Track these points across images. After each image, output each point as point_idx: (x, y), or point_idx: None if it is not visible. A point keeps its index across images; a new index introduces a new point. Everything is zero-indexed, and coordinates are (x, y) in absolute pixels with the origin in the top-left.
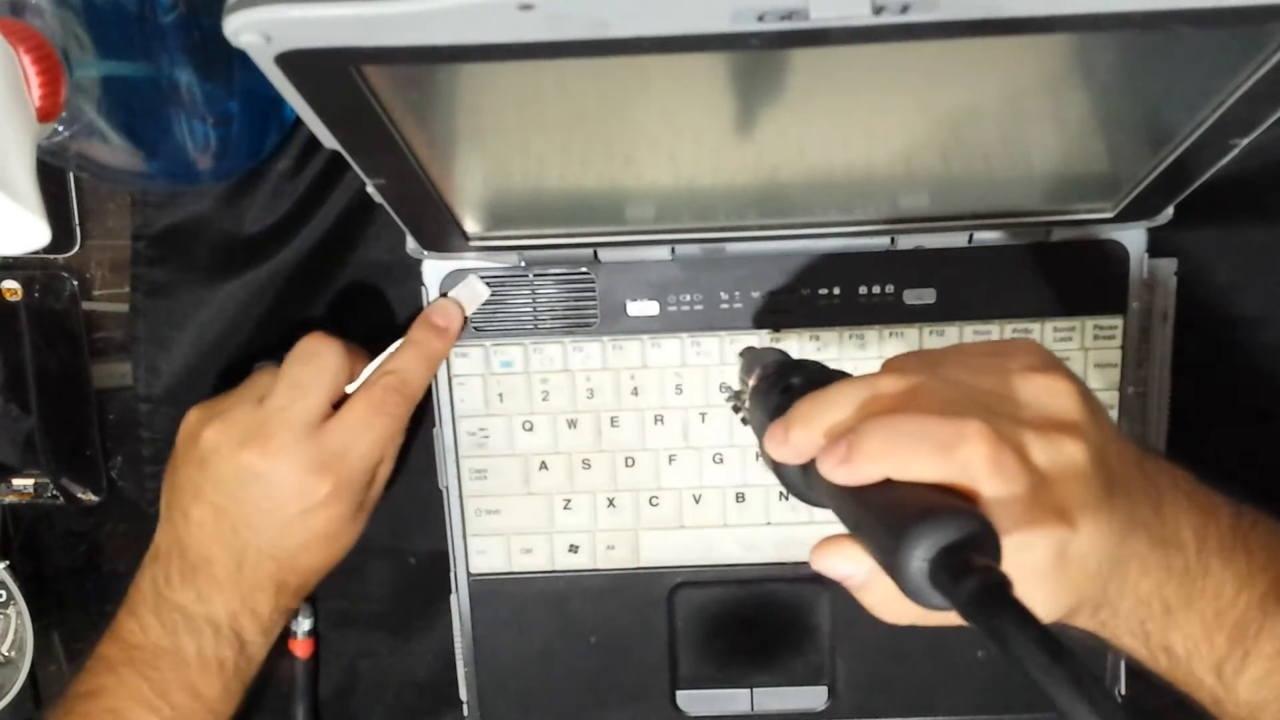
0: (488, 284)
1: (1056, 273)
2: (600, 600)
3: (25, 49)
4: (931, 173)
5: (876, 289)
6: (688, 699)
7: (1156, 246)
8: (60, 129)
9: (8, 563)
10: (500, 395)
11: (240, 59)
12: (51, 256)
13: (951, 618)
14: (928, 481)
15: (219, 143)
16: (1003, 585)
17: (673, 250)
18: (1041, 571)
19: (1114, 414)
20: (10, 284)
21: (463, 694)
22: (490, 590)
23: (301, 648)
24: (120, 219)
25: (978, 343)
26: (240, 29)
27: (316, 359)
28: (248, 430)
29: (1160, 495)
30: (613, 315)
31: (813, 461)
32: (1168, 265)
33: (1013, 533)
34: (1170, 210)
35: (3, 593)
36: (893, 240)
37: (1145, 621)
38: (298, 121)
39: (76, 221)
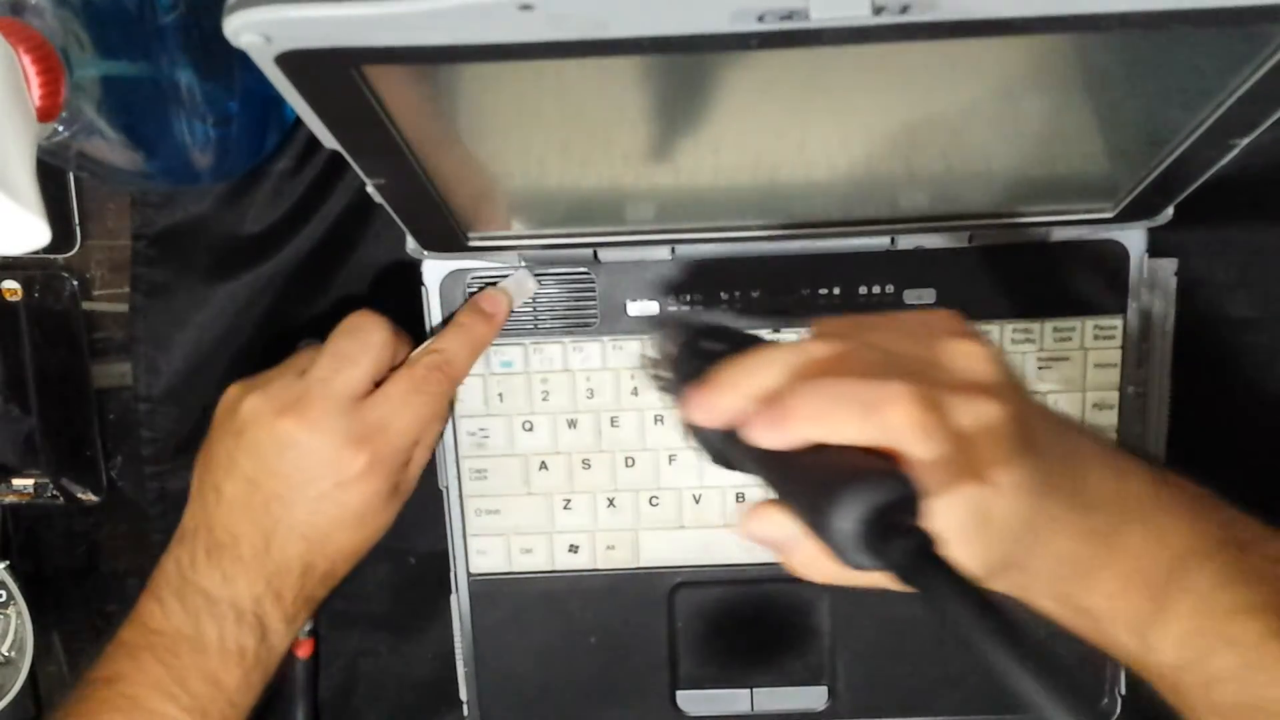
0: (537, 279)
1: (1056, 273)
2: (600, 600)
3: (25, 49)
4: (931, 173)
5: (876, 289)
6: (688, 699)
7: (1156, 246)
8: (60, 129)
9: (8, 563)
10: (500, 395)
11: (240, 59)
12: (51, 256)
13: (875, 579)
14: (854, 444)
15: (219, 143)
16: (930, 545)
17: (673, 250)
18: (962, 531)
19: (1114, 414)
20: (10, 284)
21: (463, 694)
22: (490, 590)
23: (301, 648)
24: (120, 219)
25: (903, 312)
26: (240, 29)
27: (362, 333)
28: (287, 399)
29: (1078, 459)
30: (613, 315)
31: (733, 426)
32: (1168, 265)
33: (936, 493)
34: (1170, 210)
35: (3, 593)
36: (893, 240)
37: (1061, 583)
38: (298, 121)
39: (76, 221)
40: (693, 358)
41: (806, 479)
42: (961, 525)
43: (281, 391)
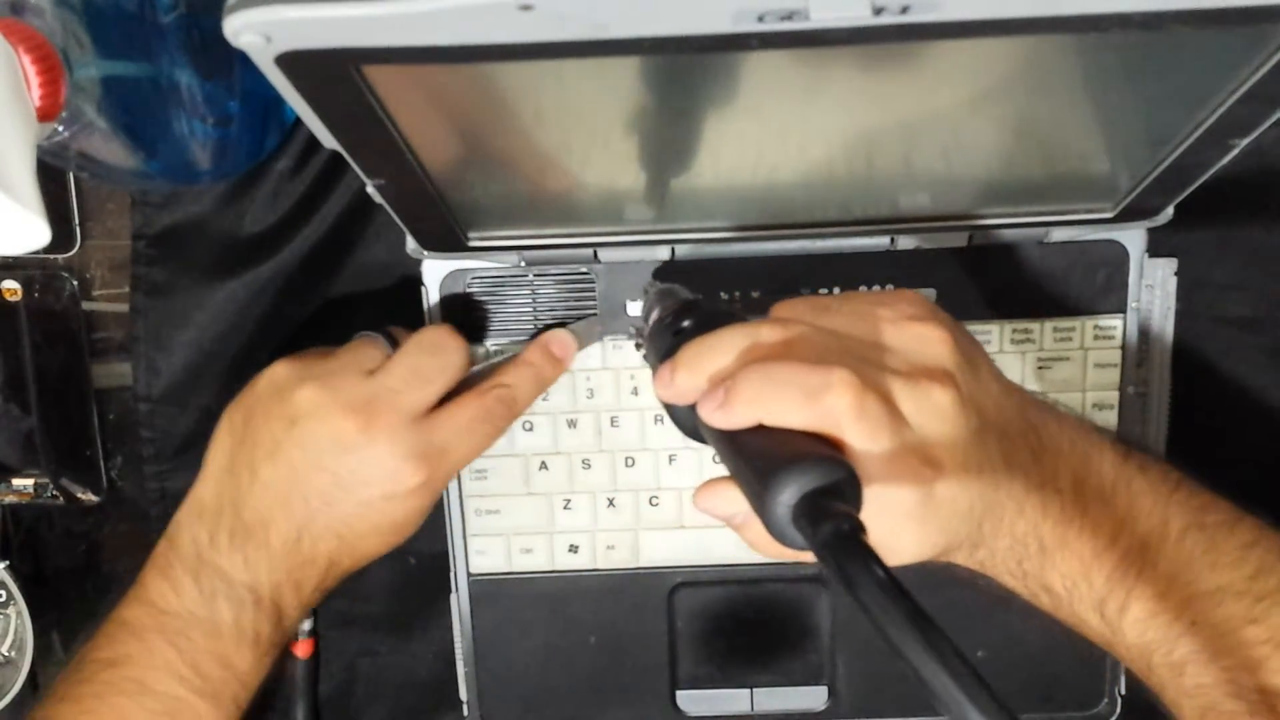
0: (603, 327)
1: (1056, 273)
2: (600, 600)
3: (25, 49)
4: (931, 173)
5: (876, 289)
6: (688, 699)
7: (1156, 246)
8: (60, 129)
9: (8, 563)
10: None
11: (240, 59)
12: (51, 256)
13: (811, 555)
14: (798, 428)
15: (219, 143)
16: (854, 531)
17: (673, 250)
18: (908, 514)
19: (1114, 414)
20: (10, 284)
21: (463, 694)
22: (490, 590)
23: (301, 648)
24: (120, 219)
25: (864, 293)
26: (240, 29)
27: (444, 354)
28: (354, 400)
29: (1040, 440)
30: (613, 315)
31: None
32: (1168, 265)
33: (878, 478)
34: (1170, 210)
35: (3, 593)
36: (893, 240)
37: (1022, 561)
38: (298, 121)
39: (76, 221)
40: (668, 333)
41: (750, 460)
42: (907, 509)
43: (348, 390)
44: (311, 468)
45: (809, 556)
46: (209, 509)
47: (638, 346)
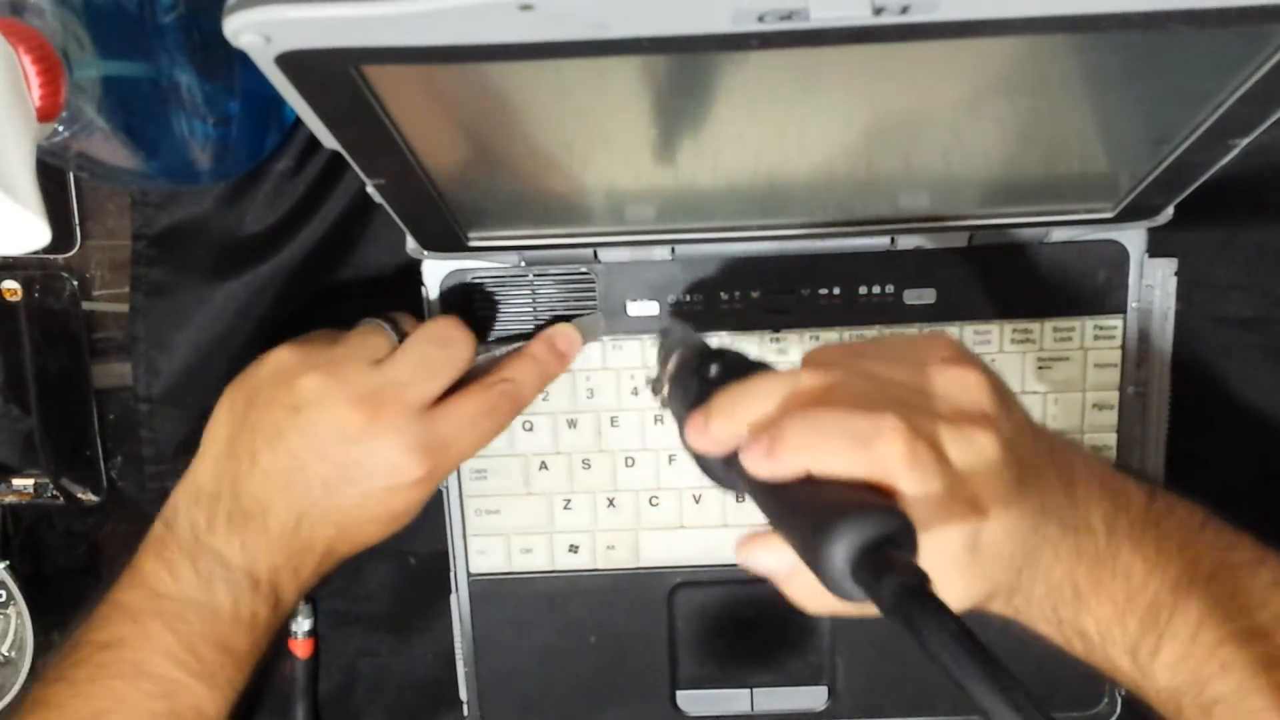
0: (607, 322)
1: (1056, 273)
2: (600, 600)
3: (25, 49)
4: (931, 173)
5: (876, 289)
6: (688, 699)
7: (1156, 246)
8: (60, 129)
9: (8, 563)
10: None
11: (240, 59)
12: (51, 256)
13: (872, 609)
14: (847, 477)
15: (219, 143)
16: (923, 584)
17: (673, 250)
18: (955, 561)
19: (1114, 414)
20: (10, 284)
21: (463, 694)
22: (490, 590)
23: (301, 648)
24: (120, 219)
25: (896, 336)
26: (240, 29)
27: (453, 347)
28: (361, 391)
29: (1073, 482)
30: (613, 315)
31: (735, 452)
32: (1168, 265)
33: (928, 526)
34: (1170, 210)
35: (3, 593)
36: (893, 240)
37: (1058, 607)
38: (298, 121)
39: (76, 221)
40: (695, 380)
41: (800, 510)
42: (954, 556)
43: (354, 381)
44: (314, 456)
45: (865, 609)
46: (206, 492)
47: (654, 393)
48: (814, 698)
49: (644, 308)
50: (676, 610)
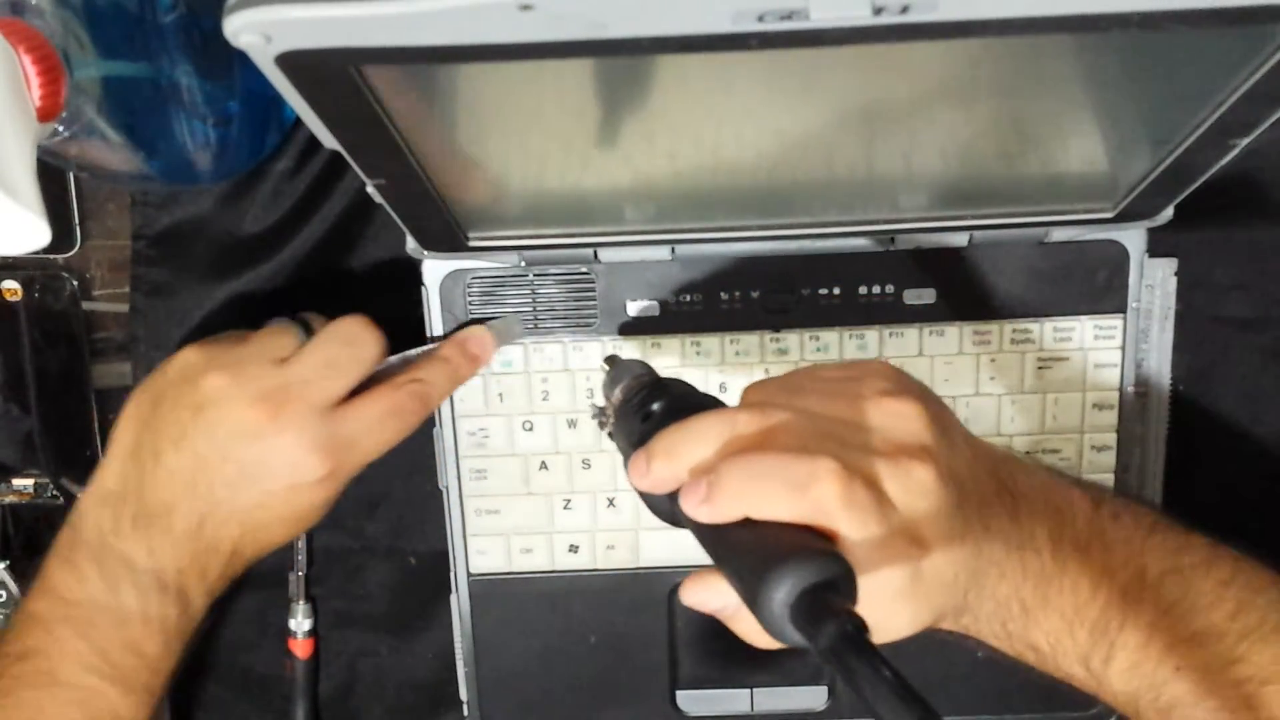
0: (523, 326)
1: (1056, 273)
2: (600, 600)
3: (25, 49)
4: (931, 172)
5: (876, 289)
6: (688, 699)
7: (1156, 246)
8: (60, 129)
9: (8, 563)
10: (500, 395)
11: (240, 59)
12: (51, 256)
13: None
14: (786, 520)
15: (219, 143)
16: (859, 632)
17: (673, 250)
18: (899, 594)
19: (1113, 414)
20: (10, 284)
21: (463, 694)
22: (490, 590)
23: (301, 648)
24: (120, 219)
25: (831, 366)
26: (240, 29)
27: (359, 346)
28: (263, 390)
29: (1016, 499)
30: (613, 315)
31: (674, 491)
32: (1168, 265)
33: (868, 565)
34: (1170, 210)
35: (3, 593)
36: (893, 240)
37: (1006, 623)
38: (298, 121)
39: (76, 221)
40: (636, 418)
41: (739, 553)
42: (898, 590)
43: (256, 379)
44: (217, 456)
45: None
46: (112, 494)
47: (601, 425)
48: (814, 698)
49: (644, 308)
50: (676, 610)
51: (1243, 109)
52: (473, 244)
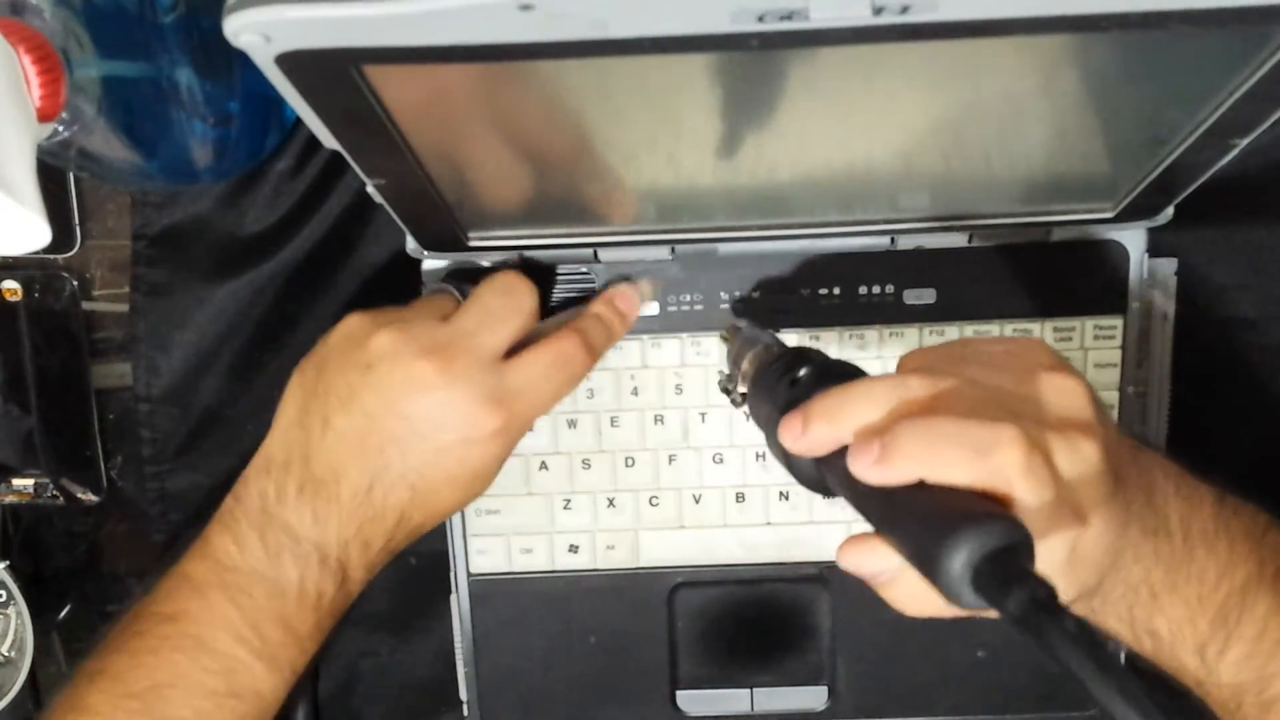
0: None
1: (1056, 273)
2: (600, 600)
3: (25, 49)
4: (931, 173)
5: (876, 289)
6: (688, 699)
7: (1156, 246)
8: (60, 129)
9: (8, 563)
10: None
11: (241, 59)
12: (51, 256)
13: (980, 611)
14: (960, 485)
15: (219, 143)
16: (1053, 598)
17: (673, 250)
18: (1055, 568)
19: (1114, 414)
20: (10, 284)
21: (463, 694)
22: (490, 590)
23: None
24: (120, 219)
25: (988, 339)
26: (240, 29)
27: (515, 295)
28: (431, 343)
29: (1152, 485)
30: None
31: (829, 455)
32: (1168, 265)
33: (1038, 534)
34: (1170, 210)
35: (3, 593)
36: (893, 240)
37: (1133, 607)
38: (298, 121)
39: (76, 221)
40: (782, 382)
41: (913, 517)
42: (1055, 564)
43: (423, 334)
44: (387, 413)
45: (964, 612)
46: (277, 463)
47: (726, 393)
48: (814, 698)
49: (644, 308)
50: (676, 610)
51: (1243, 109)
52: (473, 244)
